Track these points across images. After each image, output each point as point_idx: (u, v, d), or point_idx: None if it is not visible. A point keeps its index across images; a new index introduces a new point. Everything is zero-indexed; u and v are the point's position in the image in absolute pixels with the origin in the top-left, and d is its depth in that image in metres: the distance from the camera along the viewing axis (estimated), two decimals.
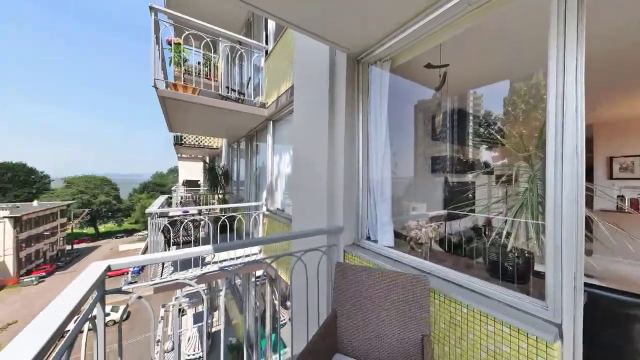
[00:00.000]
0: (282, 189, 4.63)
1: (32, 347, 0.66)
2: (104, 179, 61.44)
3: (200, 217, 4.64)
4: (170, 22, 3.87)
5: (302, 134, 2.79)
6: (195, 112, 4.51)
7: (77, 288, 1.02)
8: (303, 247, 1.95)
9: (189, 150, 13.12)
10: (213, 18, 6.07)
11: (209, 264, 4.19)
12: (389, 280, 1.42)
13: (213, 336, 7.04)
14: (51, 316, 0.82)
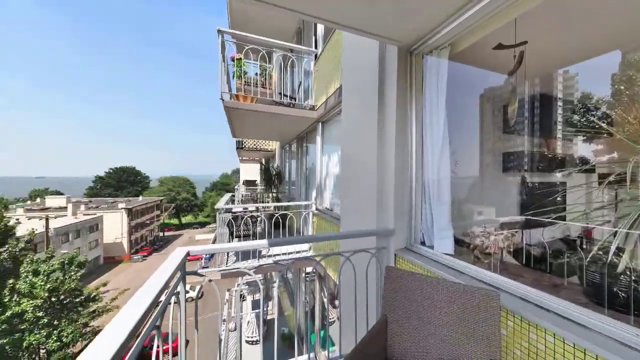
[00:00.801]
0: (330, 189, 4.70)
1: (139, 311, 0.85)
2: (185, 179, 74.23)
3: (258, 213, 5.11)
4: (233, 40, 4.39)
5: (350, 134, 2.78)
6: (253, 119, 4.99)
7: (166, 268, 1.26)
8: (351, 248, 1.93)
9: (248, 153, 14.63)
10: (268, 31, 6.61)
11: (264, 257, 4.59)
12: (449, 291, 1.28)
13: (268, 323, 7.66)
14: (149, 289, 1.03)
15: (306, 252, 4.94)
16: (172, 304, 1.40)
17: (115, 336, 0.72)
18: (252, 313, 8.40)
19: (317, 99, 4.97)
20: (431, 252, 1.86)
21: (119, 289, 21.03)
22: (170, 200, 66.07)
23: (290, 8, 1.48)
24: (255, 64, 4.90)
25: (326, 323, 4.36)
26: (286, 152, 9.41)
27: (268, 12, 6.05)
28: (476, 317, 1.18)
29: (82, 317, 15.97)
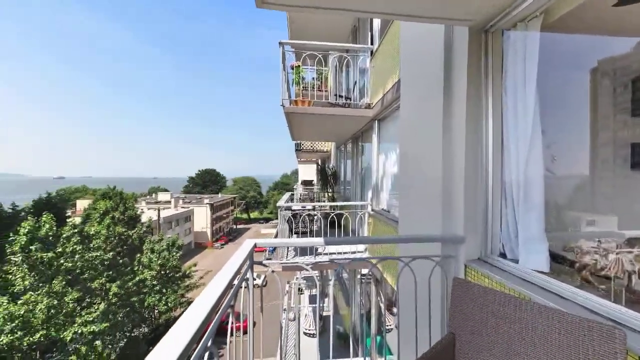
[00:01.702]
0: (388, 189, 4.48)
1: (217, 291, 1.02)
2: (252, 179, 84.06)
3: (314, 212, 5.32)
4: (293, 50, 4.71)
5: (410, 130, 2.58)
6: (310, 121, 5.23)
7: (238, 256, 1.45)
8: (411, 253, 1.79)
9: (306, 155, 15.42)
10: (325, 35, 6.81)
11: (320, 254, 4.74)
12: (546, 320, 1.04)
13: (324, 319, 7.88)
14: (225, 273, 1.21)
15: (362, 253, 4.86)
16: (242, 288, 1.60)
17: (201, 309, 0.88)
18: (309, 307, 8.81)
19: (373, 97, 4.82)
20: (515, 267, 1.54)
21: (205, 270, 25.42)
22: (241, 198, 75.96)
23: (346, 8, 1.48)
24: (312, 68, 5.13)
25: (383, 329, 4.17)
26: (341, 152, 9.48)
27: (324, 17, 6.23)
28: (587, 358, 0.91)
29: (180, 289, 20.01)
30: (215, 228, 50.99)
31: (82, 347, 11.51)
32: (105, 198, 20.31)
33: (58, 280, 11.27)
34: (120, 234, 15.81)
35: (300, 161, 19.36)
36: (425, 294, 1.77)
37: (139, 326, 16.37)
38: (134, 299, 14.57)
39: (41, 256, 11.02)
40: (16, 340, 9.67)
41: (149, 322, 17.48)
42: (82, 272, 12.17)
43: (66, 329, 10.89)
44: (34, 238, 11.22)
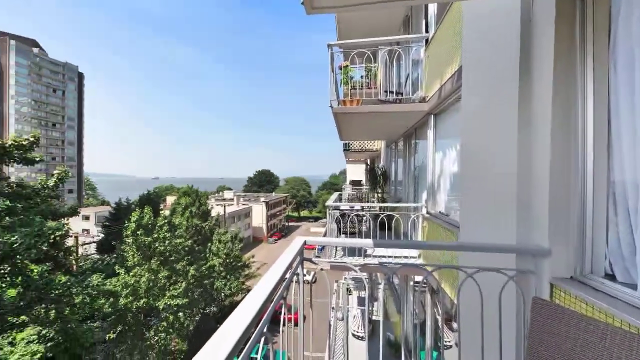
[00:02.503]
0: (446, 190, 4.04)
1: (272, 282, 1.10)
2: (302, 179, 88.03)
3: (363, 212, 5.21)
4: (341, 50, 4.72)
5: (474, 122, 2.26)
6: (359, 120, 5.14)
7: (289, 252, 1.54)
8: (476, 263, 1.57)
9: (354, 155, 15.25)
10: (375, 30, 6.60)
11: (369, 256, 4.61)
12: None
13: (373, 323, 7.64)
14: (278, 267, 1.29)
15: (415, 259, 4.51)
16: (293, 282, 1.69)
17: (258, 297, 0.96)
18: (357, 308, 8.68)
19: (429, 89, 4.41)
20: (632, 295, 1.18)
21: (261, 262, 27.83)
22: (292, 197, 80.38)
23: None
24: (361, 66, 5.03)
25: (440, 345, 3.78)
26: (392, 150, 9.02)
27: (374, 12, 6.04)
28: None
29: (241, 277, 22.41)
30: (270, 224, 55.31)
31: (170, 315, 14.16)
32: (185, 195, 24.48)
33: (154, 260, 14.15)
34: (196, 225, 18.77)
35: (348, 161, 19.27)
36: (494, 312, 1.51)
37: (209, 305, 19.14)
38: (206, 282, 17.08)
39: (144, 240, 14.02)
40: (129, 304, 12.57)
41: (217, 303, 20.24)
42: (170, 255, 14.94)
43: (159, 300, 13.57)
44: (139, 225, 14.36)
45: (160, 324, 14.20)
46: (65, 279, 9.01)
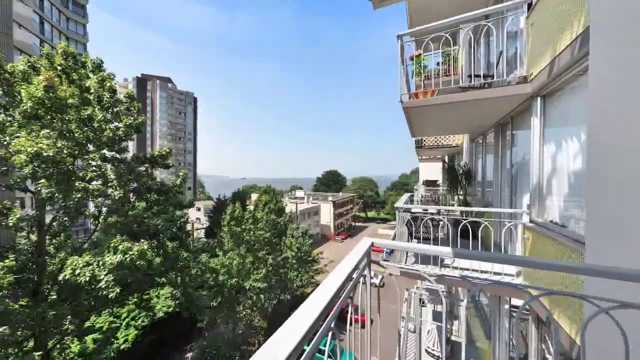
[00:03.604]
0: (561, 194, 3.10)
1: (339, 280, 1.13)
2: (369, 179, 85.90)
3: (439, 217, 4.64)
4: (412, 39, 4.35)
5: (611, 104, 1.64)
6: (434, 113, 4.59)
7: (357, 252, 1.54)
8: (610, 294, 1.14)
9: (428, 152, 13.75)
10: (453, 9, 5.76)
11: (447, 267, 4.06)
12: None
13: (452, 344, 6.67)
14: (345, 266, 1.31)
15: (512, 277, 3.66)
16: (360, 284, 1.68)
17: (326, 293, 1.01)
18: (433, 323, 7.79)
19: (532, 65, 3.50)
20: None
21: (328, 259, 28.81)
22: (359, 197, 79.60)
23: None
24: (437, 52, 4.50)
25: None
26: (478, 145, 7.63)
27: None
28: None
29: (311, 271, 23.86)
30: (337, 223, 56.58)
31: (254, 296, 16.59)
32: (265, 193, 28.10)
33: (242, 247, 16.88)
34: (273, 220, 21.21)
35: (421, 159, 17.52)
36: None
37: (284, 293, 21.29)
38: (281, 271, 19.10)
39: (235, 229, 16.95)
40: (225, 280, 15.47)
41: (290, 292, 22.29)
42: (253, 244, 17.49)
43: (246, 281, 16.08)
44: (232, 217, 17.43)
45: (246, 301, 16.86)
46: (186, 254, 11.91)
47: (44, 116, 7.92)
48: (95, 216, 10.15)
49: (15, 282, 7.29)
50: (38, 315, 7.57)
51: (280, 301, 20.50)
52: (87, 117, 8.61)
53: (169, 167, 11.74)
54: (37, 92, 7.55)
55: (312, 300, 0.95)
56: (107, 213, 9.96)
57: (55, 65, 8.57)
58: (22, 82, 8.07)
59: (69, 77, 8.73)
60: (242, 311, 16.89)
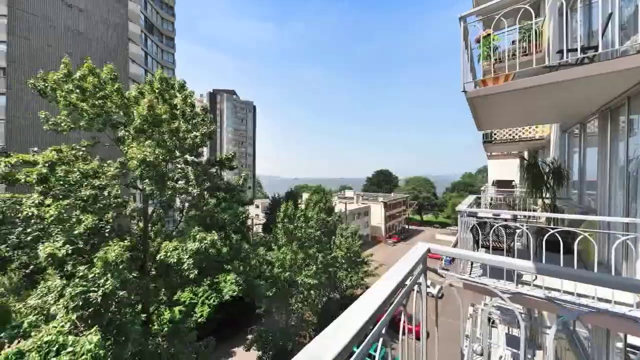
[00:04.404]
0: None
1: (390, 285, 1.07)
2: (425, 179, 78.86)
3: (516, 224, 3.91)
4: (478, 19, 3.79)
5: None
6: (509, 101, 3.90)
7: (410, 258, 1.43)
8: None
9: (500, 147, 11.76)
10: None
11: (527, 284, 3.38)
12: None
13: None
14: (398, 271, 1.24)
15: (631, 309, 2.79)
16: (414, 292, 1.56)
17: (377, 297, 0.97)
18: (506, 349, 6.62)
19: None
20: None
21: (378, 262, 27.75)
22: (413, 198, 74.00)
23: None
24: (513, 29, 3.80)
25: None
26: (574, 137, 6.11)
27: None
28: None
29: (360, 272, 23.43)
30: (388, 225, 53.99)
31: (305, 291, 17.34)
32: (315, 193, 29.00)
33: (294, 243, 17.84)
34: (323, 219, 21.71)
35: (491, 156, 15.12)
36: None
37: (333, 291, 21.54)
38: (330, 270, 19.39)
39: (288, 227, 18.05)
40: (279, 273, 16.66)
41: (339, 291, 22.41)
42: (304, 241, 18.27)
43: (298, 276, 16.94)
44: (285, 215, 18.61)
45: (298, 295, 17.75)
46: (247, 247, 13.33)
47: (147, 130, 10.09)
48: (180, 209, 12.39)
49: (131, 258, 9.51)
50: (144, 285, 9.69)
51: (330, 299, 20.81)
52: (175, 128, 10.55)
53: (233, 168, 13.35)
54: (143, 111, 9.67)
55: (362, 302, 0.93)
56: (188, 207, 12.02)
57: (154, 89, 10.82)
58: (134, 104, 10.48)
59: (163, 97, 10.89)
60: (294, 304, 17.88)
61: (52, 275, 8.36)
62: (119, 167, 9.62)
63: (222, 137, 78.46)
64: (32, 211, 7.94)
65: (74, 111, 9.47)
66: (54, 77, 9.30)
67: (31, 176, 8.04)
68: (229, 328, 19.80)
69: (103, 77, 10.01)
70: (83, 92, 9.47)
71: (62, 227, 8.05)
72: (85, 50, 29.34)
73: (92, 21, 31.48)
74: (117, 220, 10.34)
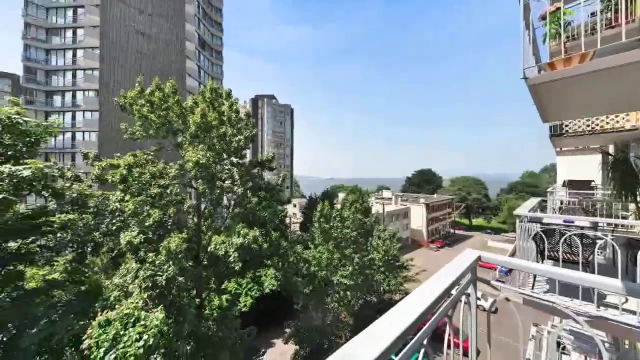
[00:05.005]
0: None
1: (434, 293, 0.99)
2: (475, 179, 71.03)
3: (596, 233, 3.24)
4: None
5: None
6: (588, 85, 3.25)
7: (457, 265, 1.30)
8: None
9: (573, 141, 9.90)
10: None
11: (614, 307, 2.77)
12: None
13: None
14: (442, 278, 1.14)
15: None
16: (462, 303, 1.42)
17: (418, 303, 0.91)
18: None
19: None
20: None
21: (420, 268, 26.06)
22: (461, 200, 67.35)
23: None
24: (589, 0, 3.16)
25: None
26: None
27: None
28: None
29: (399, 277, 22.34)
30: (431, 229, 50.28)
31: (341, 291, 17.30)
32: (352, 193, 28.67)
33: (330, 243, 17.94)
34: (359, 219, 21.34)
35: (560, 152, 12.85)
36: None
37: (370, 294, 20.99)
38: (367, 272, 18.94)
39: (324, 226, 18.23)
40: (316, 272, 16.95)
41: (376, 294, 21.72)
42: (340, 241, 18.22)
43: (334, 275, 16.98)
44: (322, 215, 18.85)
45: (334, 295, 17.78)
46: (285, 244, 13.91)
47: (199, 135, 11.35)
48: (226, 207, 13.60)
49: (187, 249, 10.83)
50: (197, 273, 10.91)
51: (367, 302, 20.33)
52: (223, 133, 11.62)
53: (272, 169, 14.08)
54: (197, 119, 10.91)
55: (401, 308, 0.88)
56: (234, 205, 13.10)
57: (206, 99, 12.11)
58: (190, 113, 11.89)
59: (213, 105, 12.11)
60: (330, 303, 17.98)
61: (129, 259, 10.04)
62: (178, 169, 11.03)
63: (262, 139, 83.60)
64: (116, 205, 9.68)
65: (145, 122, 11.21)
66: (130, 94, 11.15)
67: (115, 177, 9.78)
68: (268, 320, 20.97)
69: (166, 91, 11.60)
70: (152, 105, 11.13)
71: (137, 220, 9.61)
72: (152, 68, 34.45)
73: (157, 44, 36.74)
74: (177, 215, 11.88)
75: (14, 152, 8.26)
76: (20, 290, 8.58)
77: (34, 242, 9.21)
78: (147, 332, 7.62)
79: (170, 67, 36.71)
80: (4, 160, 7.87)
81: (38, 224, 8.79)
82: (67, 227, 9.76)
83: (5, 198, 7.33)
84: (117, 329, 7.60)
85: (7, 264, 8.53)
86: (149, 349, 7.42)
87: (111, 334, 7.52)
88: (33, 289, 8.99)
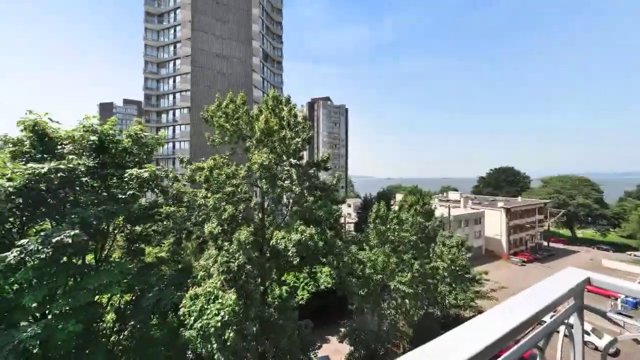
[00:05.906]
0: None
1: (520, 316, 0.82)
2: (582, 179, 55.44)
3: None
4: None
5: None
6: None
7: (553, 286, 1.05)
8: None
9: None
10: None
11: None
12: None
13: None
14: (531, 300, 0.93)
15: None
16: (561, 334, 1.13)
17: (495, 326, 0.77)
18: None
19: None
20: None
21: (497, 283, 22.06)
22: (558, 205, 53.82)
23: None
24: None
25: None
26: None
27: None
28: None
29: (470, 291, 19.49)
30: (513, 239, 42.02)
31: (399, 298, 16.28)
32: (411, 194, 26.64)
33: (387, 246, 17.11)
34: (420, 223, 19.63)
35: None
36: None
37: (433, 306, 19.01)
38: (429, 281, 17.23)
39: (380, 228, 17.54)
40: (371, 274, 16.48)
41: (440, 307, 19.52)
42: (398, 245, 17.17)
43: (390, 280, 16.14)
44: (377, 216, 18.19)
45: (391, 301, 16.88)
46: (340, 243, 14.03)
47: (263, 140, 12.63)
48: (286, 205, 14.69)
49: (254, 241, 12.22)
50: (262, 263, 12.18)
51: (429, 314, 18.50)
52: (282, 137, 12.62)
53: (328, 169, 14.43)
54: (261, 125, 12.18)
55: (473, 327, 0.77)
56: (292, 203, 14.04)
57: (268, 106, 13.40)
58: (256, 121, 13.39)
59: (274, 112, 13.29)
60: (386, 309, 17.16)
61: (211, 246, 12.03)
62: (246, 170, 12.57)
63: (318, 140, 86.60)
64: (201, 201, 11.77)
65: (222, 130, 13.21)
66: (210, 108, 13.34)
67: (201, 177, 11.88)
68: (323, 317, 21.58)
69: (237, 102, 13.38)
70: (226, 116, 13.05)
71: (216, 213, 11.43)
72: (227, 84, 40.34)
73: (230, 62, 42.73)
74: (245, 211, 13.54)
75: (139, 159, 11.06)
76: (142, 263, 11.47)
77: (150, 228, 12.13)
78: (223, 309, 8.97)
79: (240, 81, 42.30)
80: (133, 165, 10.62)
81: (152, 213, 11.52)
82: (170, 217, 12.43)
83: (134, 194, 9.98)
84: (202, 303, 9.22)
85: (136, 243, 11.57)
86: (224, 324, 8.71)
87: (198, 306, 9.17)
88: (149, 263, 11.86)
